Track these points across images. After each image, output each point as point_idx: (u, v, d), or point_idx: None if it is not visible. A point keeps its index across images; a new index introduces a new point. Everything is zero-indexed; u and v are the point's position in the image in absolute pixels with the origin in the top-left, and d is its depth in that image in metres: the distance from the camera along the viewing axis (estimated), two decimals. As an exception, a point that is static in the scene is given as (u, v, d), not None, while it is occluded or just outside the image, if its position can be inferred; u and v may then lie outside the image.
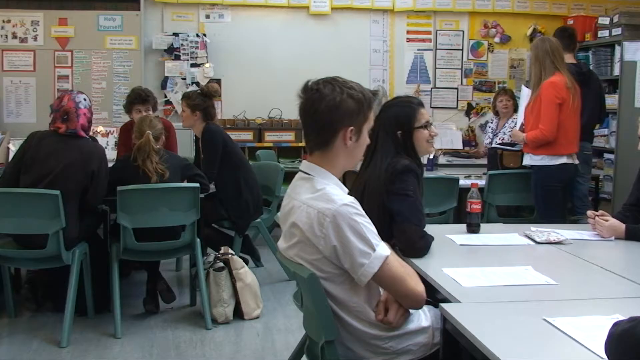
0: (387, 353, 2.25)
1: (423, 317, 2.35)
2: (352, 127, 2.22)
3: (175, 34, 7.52)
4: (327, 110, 2.18)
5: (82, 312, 4.47)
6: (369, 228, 2.14)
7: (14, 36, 7.20)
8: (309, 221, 2.15)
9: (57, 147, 4.10)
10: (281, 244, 2.38)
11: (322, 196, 2.17)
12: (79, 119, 4.14)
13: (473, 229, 3.26)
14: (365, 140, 2.32)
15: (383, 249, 2.14)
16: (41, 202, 4.00)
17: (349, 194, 2.27)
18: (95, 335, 4.24)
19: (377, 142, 2.96)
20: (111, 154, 6.33)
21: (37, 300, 4.70)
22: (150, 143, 4.36)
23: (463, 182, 5.03)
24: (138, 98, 5.49)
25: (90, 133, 5.68)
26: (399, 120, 3.00)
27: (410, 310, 2.30)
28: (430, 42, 8.04)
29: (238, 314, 4.52)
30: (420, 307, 2.17)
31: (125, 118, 5.79)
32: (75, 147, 4.12)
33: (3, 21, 7.17)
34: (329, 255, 2.14)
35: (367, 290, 2.23)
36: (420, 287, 2.17)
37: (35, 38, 7.23)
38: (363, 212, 2.16)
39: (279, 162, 6.62)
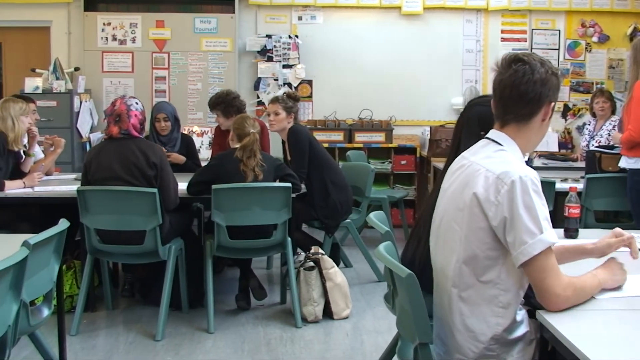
0: (490, 356, 2.19)
1: (531, 329, 2.26)
2: (553, 103, 2.24)
3: (268, 36, 7.64)
4: (539, 82, 2.19)
5: (177, 307, 4.59)
6: (542, 210, 2.08)
7: (114, 38, 7.48)
8: (485, 185, 2.12)
9: (116, 150, 4.21)
10: (443, 203, 2.35)
11: (503, 162, 2.16)
12: (130, 119, 4.23)
13: (571, 234, 3.16)
14: (550, 120, 2.32)
15: (551, 235, 2.07)
16: (139, 200, 4.13)
17: (430, 196, 2.22)
18: (188, 329, 4.34)
19: (459, 143, 2.89)
20: (205, 153, 6.50)
21: (134, 296, 4.88)
22: (257, 142, 4.45)
23: (559, 185, 4.89)
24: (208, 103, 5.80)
25: (186, 132, 5.87)
26: (483, 120, 2.85)
27: (520, 319, 2.23)
28: (526, 41, 7.88)
29: (327, 313, 4.54)
30: (552, 309, 2.08)
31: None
32: (132, 145, 4.21)
33: (103, 24, 7.47)
34: (497, 225, 2.09)
35: (521, 273, 2.15)
36: (560, 290, 2.06)
37: (133, 40, 7.49)
38: (540, 191, 2.10)
39: (369, 163, 6.61)
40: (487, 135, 2.32)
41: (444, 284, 2.27)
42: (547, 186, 4.80)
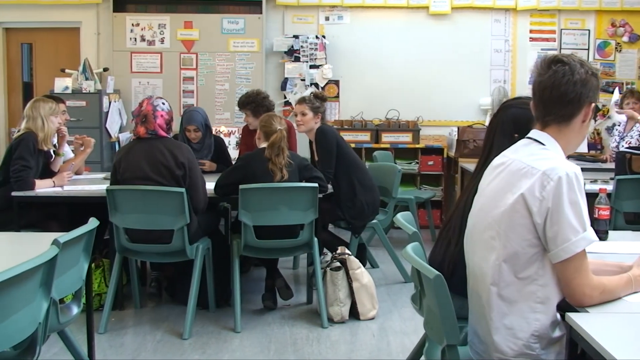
0: (529, 355, 2.17)
1: (565, 332, 2.24)
2: (593, 103, 2.25)
3: (296, 36, 7.65)
4: (578, 83, 2.19)
5: (204, 306, 4.62)
6: (585, 208, 2.09)
7: (142, 39, 7.54)
8: (530, 182, 2.12)
9: (144, 150, 4.24)
10: (481, 201, 2.35)
11: (547, 159, 2.15)
12: (157, 120, 4.26)
13: (600, 236, 3.12)
14: (592, 122, 2.32)
15: (592, 233, 2.09)
16: (167, 200, 4.15)
17: (459, 197, 2.21)
18: (215, 328, 4.36)
19: (492, 144, 2.86)
20: (233, 153, 6.51)
21: (161, 294, 4.92)
22: (284, 139, 4.46)
23: (589, 186, 4.78)
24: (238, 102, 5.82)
25: (213, 132, 5.89)
26: (517, 122, 2.85)
27: (559, 320, 2.21)
28: (555, 41, 7.80)
29: (353, 314, 4.53)
30: (575, 305, 2.08)
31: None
32: (160, 145, 4.24)
33: (132, 25, 7.52)
34: (540, 221, 2.09)
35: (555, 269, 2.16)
36: (588, 290, 2.09)
37: (162, 41, 7.54)
38: (583, 188, 2.11)
39: (396, 164, 6.59)
40: (529, 135, 2.31)
41: (481, 284, 2.25)
42: (577, 187, 4.74)
